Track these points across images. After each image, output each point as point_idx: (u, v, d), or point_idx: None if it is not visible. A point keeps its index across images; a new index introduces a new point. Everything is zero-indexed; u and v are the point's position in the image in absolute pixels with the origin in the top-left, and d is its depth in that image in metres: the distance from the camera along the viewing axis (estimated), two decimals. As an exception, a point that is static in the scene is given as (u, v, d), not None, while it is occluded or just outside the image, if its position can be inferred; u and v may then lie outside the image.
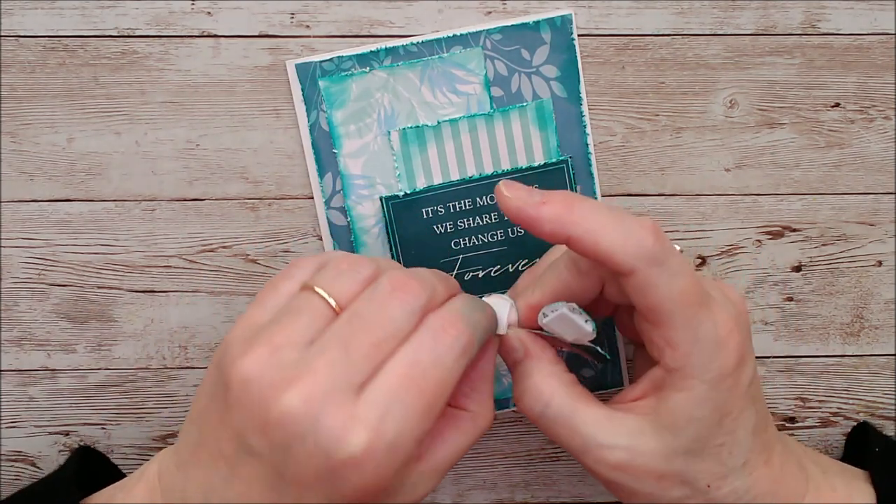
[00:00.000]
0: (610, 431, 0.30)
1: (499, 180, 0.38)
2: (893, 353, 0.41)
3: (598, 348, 0.33)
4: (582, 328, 0.31)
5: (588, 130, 0.38)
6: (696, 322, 0.29)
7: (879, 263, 0.40)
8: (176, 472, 0.30)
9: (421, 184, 0.38)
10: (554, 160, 0.38)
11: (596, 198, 0.39)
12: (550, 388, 0.31)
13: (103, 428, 0.41)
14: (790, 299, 0.40)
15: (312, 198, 0.38)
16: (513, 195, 0.30)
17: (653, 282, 0.28)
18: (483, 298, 0.32)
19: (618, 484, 0.31)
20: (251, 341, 0.27)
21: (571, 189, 0.38)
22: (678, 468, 0.30)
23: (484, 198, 0.38)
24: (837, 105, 0.39)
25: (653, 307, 0.29)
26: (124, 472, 0.41)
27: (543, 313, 0.32)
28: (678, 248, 0.30)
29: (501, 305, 0.32)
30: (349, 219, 0.38)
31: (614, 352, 0.40)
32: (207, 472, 0.28)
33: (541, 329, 0.32)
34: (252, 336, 0.28)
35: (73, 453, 0.40)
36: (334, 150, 0.38)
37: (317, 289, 0.28)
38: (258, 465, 0.27)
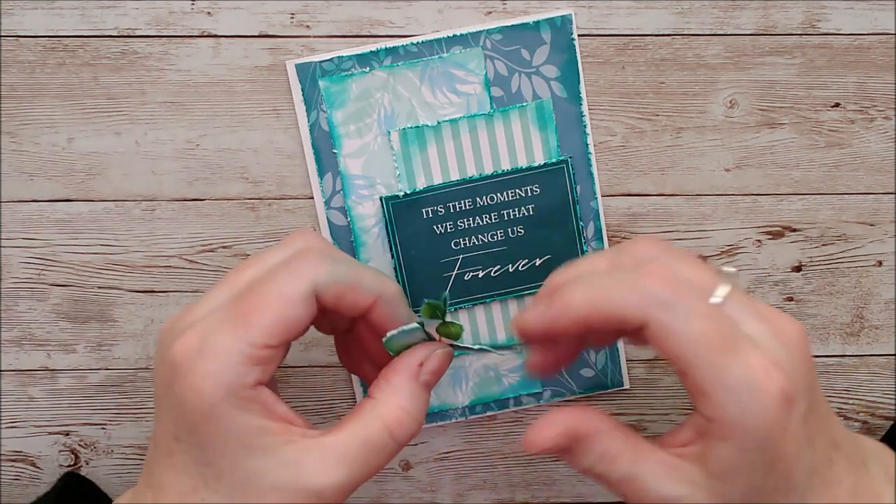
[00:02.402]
0: (672, 480, 0.28)
1: (499, 180, 0.38)
2: (893, 353, 0.41)
3: (476, 346, 0.36)
4: (415, 334, 0.31)
5: (588, 130, 0.38)
6: (722, 367, 0.26)
7: (879, 263, 0.40)
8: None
9: (421, 184, 0.38)
10: (554, 160, 0.38)
11: (596, 197, 0.39)
12: (616, 448, 0.29)
13: (103, 428, 0.41)
14: (790, 299, 0.40)
15: (312, 198, 0.38)
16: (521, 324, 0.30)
17: (667, 328, 0.27)
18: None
19: None
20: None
21: (572, 188, 0.38)
22: None
23: (484, 198, 0.38)
24: (837, 105, 0.39)
25: (674, 355, 0.27)
26: (124, 476, 0.41)
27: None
28: (732, 269, 0.29)
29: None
30: (349, 219, 0.38)
31: (615, 351, 0.40)
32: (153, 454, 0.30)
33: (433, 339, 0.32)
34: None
35: (58, 480, 0.39)
36: (334, 150, 0.38)
37: None
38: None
